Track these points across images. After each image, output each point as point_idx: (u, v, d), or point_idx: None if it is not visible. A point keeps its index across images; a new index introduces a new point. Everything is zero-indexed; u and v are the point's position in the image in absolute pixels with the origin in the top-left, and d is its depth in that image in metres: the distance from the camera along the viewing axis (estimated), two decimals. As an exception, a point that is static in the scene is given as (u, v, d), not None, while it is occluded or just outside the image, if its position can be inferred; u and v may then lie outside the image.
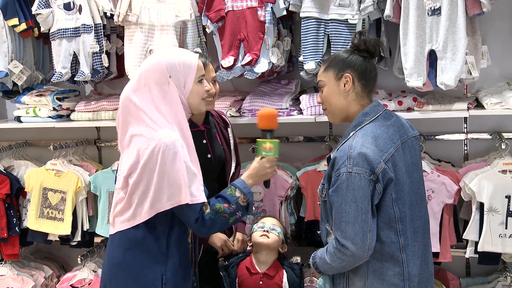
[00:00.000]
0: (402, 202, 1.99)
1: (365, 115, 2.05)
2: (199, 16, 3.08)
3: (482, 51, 2.77)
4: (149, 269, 2.02)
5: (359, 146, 1.94)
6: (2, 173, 3.42)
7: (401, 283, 1.98)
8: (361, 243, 1.90)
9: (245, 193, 2.07)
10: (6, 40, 3.35)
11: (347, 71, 2.06)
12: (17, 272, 3.48)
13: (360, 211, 1.90)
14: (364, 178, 1.90)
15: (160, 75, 2.00)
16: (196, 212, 1.97)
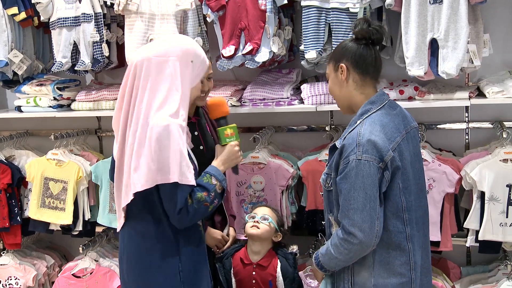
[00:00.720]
0: (408, 191, 2.00)
1: (371, 103, 2.05)
2: (200, 5, 3.07)
3: (484, 40, 2.76)
4: (165, 261, 2.04)
5: (368, 133, 1.95)
6: (3, 162, 3.43)
7: (407, 272, 2.00)
8: (369, 230, 1.92)
9: (220, 180, 2.10)
10: (6, 29, 3.35)
11: (342, 61, 2.07)
12: (19, 261, 3.50)
13: (368, 199, 1.91)
14: (373, 166, 1.91)
15: (185, 55, 2.03)
16: (185, 195, 1.96)
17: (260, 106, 3.06)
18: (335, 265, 2.06)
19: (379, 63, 2.10)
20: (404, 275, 2.00)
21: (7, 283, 3.45)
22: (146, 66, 1.99)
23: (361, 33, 2.05)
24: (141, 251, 2.07)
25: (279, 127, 3.39)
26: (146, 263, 2.06)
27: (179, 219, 1.99)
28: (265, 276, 2.58)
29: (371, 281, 2.01)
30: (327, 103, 2.96)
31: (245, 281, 2.60)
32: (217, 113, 2.26)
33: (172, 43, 2.07)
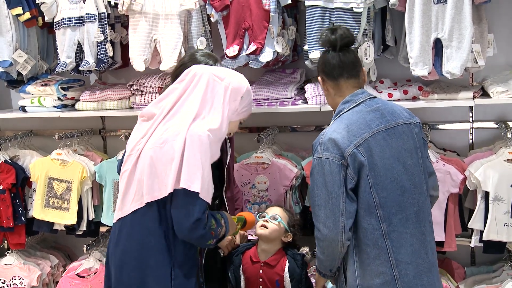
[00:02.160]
0: (381, 187, 2.00)
1: (344, 103, 2.12)
2: (204, 5, 3.07)
3: (488, 40, 2.77)
4: (160, 263, 2.04)
5: (330, 132, 2.04)
6: (8, 162, 3.45)
7: (388, 270, 2.01)
8: (333, 226, 1.99)
9: (226, 229, 2.17)
10: (10, 29, 3.37)
11: (319, 75, 2.22)
12: (24, 261, 3.52)
13: (330, 195, 1.98)
14: (333, 163, 1.98)
15: (238, 89, 2.16)
16: (204, 207, 1.99)
17: (264, 106, 3.07)
18: (323, 265, 2.15)
19: (346, 64, 2.12)
20: (385, 273, 2.01)
21: (11, 282, 3.46)
22: (205, 78, 2.12)
23: (322, 44, 2.18)
24: (138, 246, 2.06)
25: (283, 127, 3.40)
26: (141, 259, 2.06)
27: (191, 229, 1.98)
28: (272, 276, 2.58)
29: (357, 281, 2.06)
30: (331, 103, 2.97)
31: (253, 279, 2.60)
32: (247, 227, 2.51)
33: (234, 74, 2.21)
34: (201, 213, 1.97)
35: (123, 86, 3.39)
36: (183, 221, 1.98)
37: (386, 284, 2.01)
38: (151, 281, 2.05)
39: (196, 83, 2.12)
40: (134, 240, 2.07)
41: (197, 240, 2.05)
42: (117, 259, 2.12)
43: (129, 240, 2.08)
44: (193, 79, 2.13)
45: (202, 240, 2.05)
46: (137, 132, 2.17)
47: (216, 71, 2.17)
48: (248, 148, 3.19)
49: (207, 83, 2.11)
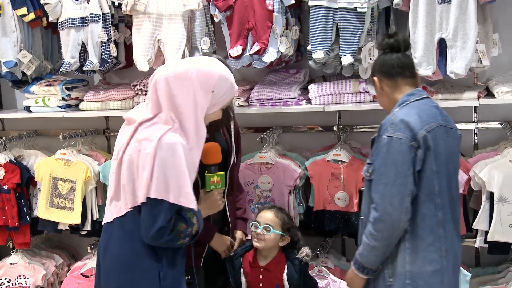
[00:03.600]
0: (441, 176, 2.06)
1: (409, 95, 2.16)
2: (207, 5, 3.07)
3: (493, 39, 2.76)
4: (146, 266, 2.04)
5: (402, 115, 2.06)
6: (13, 162, 3.45)
7: (439, 258, 2.06)
8: (399, 205, 2.00)
9: (199, 223, 2.08)
10: (15, 29, 3.38)
11: (374, 76, 2.24)
12: (29, 260, 3.53)
13: (399, 174, 2.00)
14: (404, 144, 2.01)
15: (207, 82, 2.02)
16: (170, 216, 1.95)
17: (268, 106, 3.06)
18: (374, 256, 2.10)
19: (405, 63, 2.19)
20: (437, 261, 2.05)
21: (16, 282, 3.47)
22: (165, 83, 2.00)
23: (382, 46, 2.22)
24: (126, 250, 2.06)
25: (287, 127, 3.39)
26: (129, 262, 2.06)
27: (155, 237, 1.97)
28: (272, 280, 2.57)
29: (405, 267, 2.06)
30: (335, 103, 2.96)
31: (253, 283, 2.59)
32: (210, 160, 2.24)
33: (199, 66, 2.05)
34: (166, 221, 1.95)
35: (127, 86, 3.38)
36: (147, 229, 1.98)
37: (436, 273, 2.05)
38: (140, 283, 2.04)
39: (157, 89, 2.02)
40: (122, 244, 2.07)
41: (163, 245, 2.03)
42: (106, 263, 2.12)
43: (117, 244, 2.08)
44: (154, 86, 2.03)
45: (169, 244, 2.03)
46: (120, 135, 2.16)
47: (177, 70, 2.03)
48: (251, 148, 3.18)
49: (167, 87, 2.00)
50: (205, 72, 2.03)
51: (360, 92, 2.93)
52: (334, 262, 3.12)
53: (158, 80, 2.02)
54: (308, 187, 3.13)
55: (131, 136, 2.04)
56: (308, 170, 3.04)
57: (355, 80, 2.95)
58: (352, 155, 3.00)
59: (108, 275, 2.11)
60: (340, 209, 2.97)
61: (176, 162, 1.93)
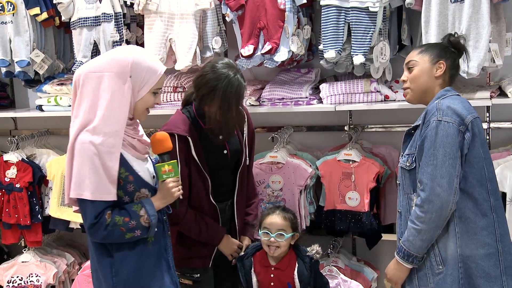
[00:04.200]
0: (489, 162, 2.11)
1: (446, 90, 2.19)
2: (219, 5, 3.08)
3: (506, 39, 2.73)
4: (102, 262, 2.08)
5: (447, 102, 2.09)
6: (25, 161, 3.47)
7: (494, 243, 2.06)
8: (447, 185, 2.01)
9: (149, 214, 2.04)
10: (28, 29, 3.40)
11: (442, 59, 2.21)
12: (40, 258, 3.55)
13: (447, 156, 2.02)
14: (453, 127, 2.04)
15: (121, 70, 1.98)
16: (97, 211, 1.96)
17: (279, 105, 3.06)
18: (420, 241, 2.08)
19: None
20: (491, 245, 2.05)
21: (28, 280, 3.49)
22: (83, 81, 1.99)
23: (457, 43, 2.26)
24: (91, 251, 2.13)
25: (298, 127, 3.38)
26: (94, 262, 2.13)
27: (90, 234, 2.00)
28: (283, 279, 2.55)
29: (457, 251, 2.06)
30: (346, 102, 2.95)
31: (265, 282, 2.58)
32: (159, 149, 2.16)
33: (112, 57, 2.03)
34: (93, 217, 1.95)
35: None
36: (85, 229, 2.02)
37: (490, 256, 2.05)
38: (101, 281, 2.10)
39: (78, 88, 2.01)
40: (89, 246, 2.14)
41: (103, 241, 2.03)
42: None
43: (90, 243, 2.13)
44: (75, 84, 2.03)
45: (111, 239, 2.01)
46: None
47: (92, 65, 2.02)
48: (262, 148, 3.17)
49: (84, 85, 1.99)
50: (118, 60, 2.00)
51: (371, 92, 2.91)
52: (345, 261, 3.10)
53: (76, 78, 2.03)
54: (319, 186, 3.12)
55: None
56: (319, 169, 3.03)
57: (367, 79, 2.94)
58: (363, 155, 2.99)
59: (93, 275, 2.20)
60: (351, 208, 2.95)
61: (88, 160, 1.93)
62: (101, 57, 2.08)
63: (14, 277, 3.50)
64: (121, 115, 1.99)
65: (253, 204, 2.71)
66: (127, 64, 1.99)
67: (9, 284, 3.50)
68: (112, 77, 1.97)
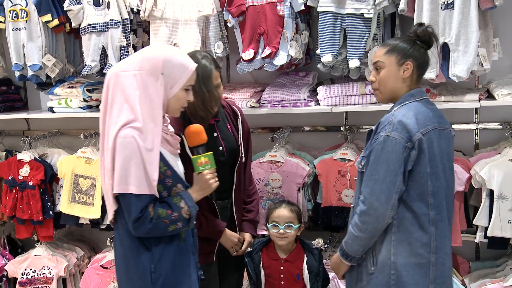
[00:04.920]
0: (436, 177, 2.05)
1: (410, 95, 2.13)
2: (221, 11, 3.10)
3: (494, 44, 2.76)
4: (139, 260, 2.01)
5: (400, 115, 2.04)
6: (37, 160, 3.50)
7: (427, 254, 2.04)
8: (385, 201, 2.00)
9: (189, 206, 2.02)
10: (40, 35, 3.42)
11: (409, 60, 2.11)
12: (52, 252, 3.57)
13: (389, 172, 1.99)
14: (399, 144, 1.99)
15: (153, 67, 1.95)
16: (142, 205, 1.92)
17: (278, 107, 3.09)
18: (357, 246, 2.10)
19: (428, 63, 2.20)
20: (423, 256, 2.04)
21: (41, 272, 3.52)
22: (116, 81, 1.96)
23: (424, 35, 2.13)
24: (122, 249, 2.07)
25: (296, 127, 3.41)
26: (126, 260, 2.05)
27: (135, 228, 1.95)
28: (293, 270, 2.59)
29: (391, 258, 2.06)
30: (342, 104, 2.98)
31: (274, 275, 2.61)
32: (194, 141, 2.15)
33: (143, 55, 1.99)
34: (138, 212, 1.92)
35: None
36: (128, 224, 1.97)
37: (420, 265, 2.05)
38: (135, 279, 2.03)
39: (109, 88, 1.98)
40: (118, 243, 2.09)
41: (148, 234, 1.99)
42: (115, 262, 2.16)
43: (116, 244, 2.11)
44: (107, 84, 1.99)
45: (158, 232, 1.98)
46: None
47: (123, 66, 1.99)
48: (262, 147, 3.21)
49: (117, 84, 1.95)
50: (149, 58, 1.97)
51: (366, 94, 2.94)
52: (341, 256, 3.14)
53: (108, 78, 1.99)
54: (316, 184, 3.15)
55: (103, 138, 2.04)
56: (316, 168, 3.06)
57: (362, 82, 2.96)
58: (359, 154, 3.02)
59: (118, 272, 2.14)
60: (347, 205, 2.97)
61: (132, 155, 1.89)
62: (131, 57, 2.03)
63: (27, 270, 3.53)
64: (157, 111, 1.96)
65: (253, 201, 2.70)
66: (159, 61, 1.95)
67: (23, 276, 3.54)
68: (145, 75, 1.94)
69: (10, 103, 3.92)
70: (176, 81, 1.99)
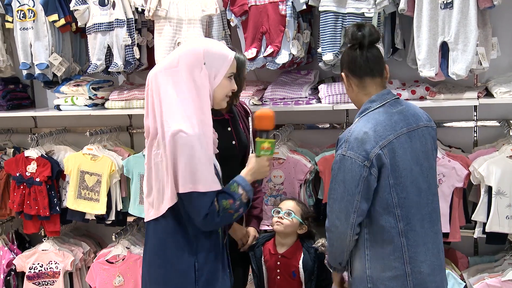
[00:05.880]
0: (401, 188, 1.95)
1: (371, 102, 2.03)
2: (224, 11, 3.09)
3: (492, 43, 2.75)
4: (182, 258, 2.00)
5: (357, 131, 1.95)
6: (44, 157, 3.51)
7: (401, 266, 1.97)
8: (345, 220, 1.96)
9: (246, 190, 2.02)
10: (47, 34, 3.42)
11: (342, 71, 2.11)
12: (59, 247, 3.58)
13: (346, 192, 1.93)
14: (355, 163, 1.91)
15: (195, 59, 1.95)
16: (209, 201, 1.91)
17: (280, 105, 3.08)
18: (332, 258, 2.13)
19: (373, 62, 2.03)
20: (398, 268, 1.97)
21: (48, 267, 3.53)
22: (160, 79, 1.96)
23: (349, 39, 2.04)
24: (162, 245, 2.03)
25: (298, 125, 3.40)
26: (165, 257, 2.02)
27: (205, 224, 1.95)
28: (289, 267, 2.59)
29: (367, 272, 2.02)
30: (343, 102, 2.97)
31: (271, 270, 2.62)
32: (262, 125, 2.14)
33: (183, 50, 2.00)
34: (207, 207, 1.91)
35: (149, 86, 3.41)
36: (195, 220, 1.96)
37: (397, 278, 1.98)
38: (175, 276, 2.01)
39: (153, 86, 1.97)
40: (157, 239, 2.04)
41: (217, 227, 2.02)
42: (146, 258, 2.11)
43: (153, 240, 2.07)
44: (150, 83, 1.98)
45: (222, 223, 2.01)
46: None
47: (165, 63, 1.99)
48: (265, 145, 3.20)
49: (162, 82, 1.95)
50: (189, 51, 1.98)
51: (366, 92, 2.93)
52: (342, 250, 3.13)
53: (151, 77, 1.99)
54: (318, 181, 3.15)
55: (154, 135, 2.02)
56: (317, 165, 3.05)
57: (362, 80, 2.95)
58: (359, 151, 3.01)
59: (148, 269, 2.09)
60: (348, 201, 2.97)
61: (194, 153, 1.87)
62: (171, 54, 2.02)
63: (35, 264, 3.55)
64: (206, 103, 1.95)
65: (258, 198, 2.72)
66: (199, 52, 1.96)
67: (31, 270, 3.55)
68: (188, 69, 1.94)
69: (18, 101, 3.93)
70: (219, 70, 1.99)
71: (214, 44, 2.03)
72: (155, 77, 1.98)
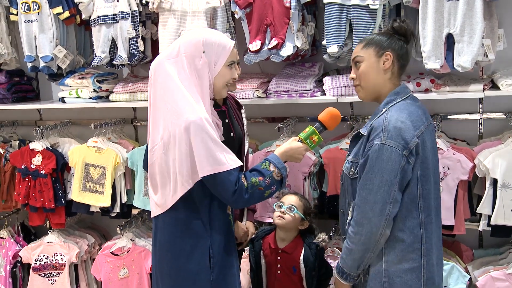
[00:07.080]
0: (425, 179, 1.96)
1: (396, 94, 2.03)
2: (228, 3, 3.08)
3: (499, 34, 2.73)
4: (196, 247, 2.01)
5: (394, 120, 1.91)
6: (49, 149, 3.51)
7: (418, 257, 1.96)
8: (379, 211, 1.89)
9: (279, 168, 2.03)
10: (51, 27, 3.42)
11: (388, 50, 2.03)
12: (64, 239, 3.59)
13: (384, 182, 1.88)
14: (395, 152, 1.88)
15: (194, 48, 1.99)
16: (234, 179, 1.93)
17: (285, 97, 3.07)
18: (351, 260, 1.99)
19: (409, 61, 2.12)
20: (415, 260, 1.96)
21: (53, 258, 3.55)
22: (161, 68, 1.99)
23: (401, 29, 2.06)
24: (174, 237, 2.04)
25: (302, 117, 3.39)
26: (178, 248, 2.03)
27: (235, 201, 1.97)
28: (289, 262, 2.58)
29: (383, 266, 1.98)
30: (348, 94, 2.96)
31: (271, 264, 2.61)
32: (328, 122, 2.17)
33: (183, 40, 2.03)
34: (233, 185, 1.93)
35: (154, 79, 3.40)
36: (225, 200, 1.99)
37: (413, 270, 1.96)
38: (191, 266, 2.02)
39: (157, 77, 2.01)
40: (168, 232, 2.05)
41: (248, 204, 2.02)
42: (157, 251, 2.12)
43: (164, 233, 2.06)
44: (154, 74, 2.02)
45: (253, 201, 2.01)
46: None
47: (166, 54, 2.04)
48: (269, 137, 3.20)
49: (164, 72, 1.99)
50: (189, 41, 2.02)
51: (371, 85, 2.92)
52: (346, 243, 3.13)
53: (153, 68, 2.02)
54: (322, 173, 3.14)
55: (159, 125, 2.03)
56: (322, 157, 3.04)
57: (367, 73, 2.94)
58: (364, 144, 3.00)
59: (159, 262, 2.09)
60: (352, 194, 2.97)
61: (208, 135, 1.91)
62: (172, 45, 2.06)
63: (40, 256, 3.56)
64: (206, 90, 1.99)
65: None
66: (199, 41, 2.00)
67: (36, 262, 3.56)
68: (189, 58, 1.98)
69: (23, 93, 3.93)
70: (218, 58, 2.03)
71: (213, 33, 2.07)
72: (157, 67, 2.02)
